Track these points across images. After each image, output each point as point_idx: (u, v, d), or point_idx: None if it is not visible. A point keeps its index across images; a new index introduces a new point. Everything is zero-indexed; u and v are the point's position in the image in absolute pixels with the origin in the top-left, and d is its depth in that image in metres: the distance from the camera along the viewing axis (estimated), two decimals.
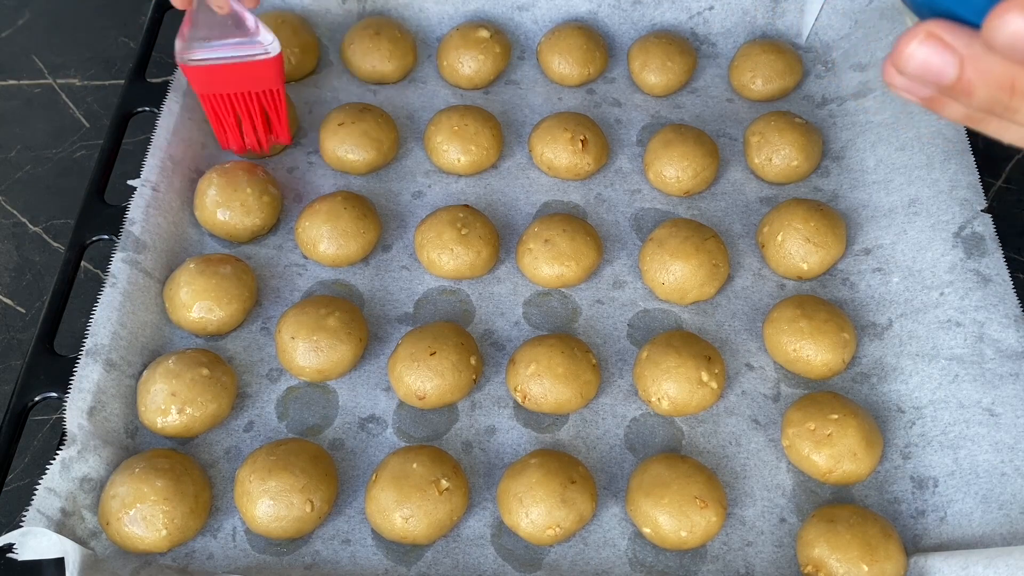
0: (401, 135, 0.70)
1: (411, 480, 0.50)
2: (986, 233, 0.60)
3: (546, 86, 0.75)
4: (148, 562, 0.50)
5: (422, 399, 0.56)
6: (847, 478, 0.53)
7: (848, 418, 0.53)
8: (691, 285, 0.61)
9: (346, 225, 0.61)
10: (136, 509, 0.49)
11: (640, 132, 0.72)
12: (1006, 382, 0.54)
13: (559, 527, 0.50)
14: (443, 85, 0.74)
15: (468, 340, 0.57)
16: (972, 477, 0.52)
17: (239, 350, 0.59)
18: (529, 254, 0.62)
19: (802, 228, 0.62)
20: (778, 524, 0.53)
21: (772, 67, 0.72)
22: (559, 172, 0.68)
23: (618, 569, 0.52)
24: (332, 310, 0.57)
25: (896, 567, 0.49)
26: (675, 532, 0.50)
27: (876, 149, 0.67)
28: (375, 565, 0.51)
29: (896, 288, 0.61)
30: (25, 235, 0.72)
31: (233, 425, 0.56)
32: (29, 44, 0.83)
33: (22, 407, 0.54)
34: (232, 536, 0.52)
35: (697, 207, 0.68)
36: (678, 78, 0.73)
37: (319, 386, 0.58)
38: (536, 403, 0.56)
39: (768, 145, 0.67)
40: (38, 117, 0.78)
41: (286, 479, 0.50)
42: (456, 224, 0.62)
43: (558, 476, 0.51)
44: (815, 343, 0.57)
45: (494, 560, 0.52)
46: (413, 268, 0.64)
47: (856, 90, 0.71)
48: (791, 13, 0.76)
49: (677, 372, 0.55)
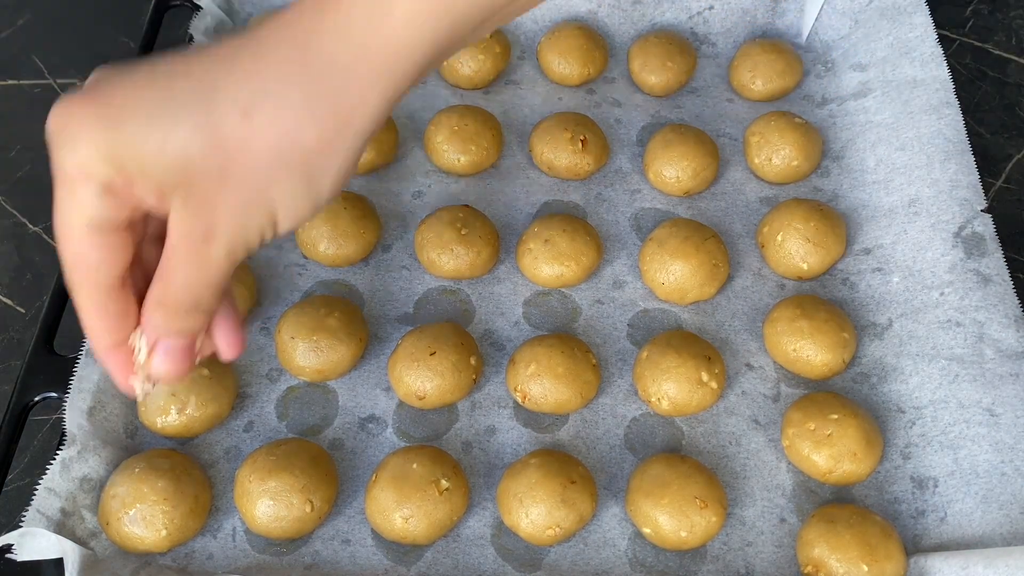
0: (401, 135, 0.70)
1: (411, 480, 0.50)
2: (986, 233, 0.60)
3: (546, 86, 0.75)
4: (148, 562, 0.50)
5: (422, 399, 0.55)
6: (847, 478, 0.53)
7: (848, 418, 0.53)
8: (691, 285, 0.61)
9: (346, 225, 0.61)
10: (136, 509, 0.49)
11: (640, 132, 0.72)
12: (1006, 382, 0.54)
13: (559, 527, 0.50)
14: (443, 85, 0.74)
15: (468, 340, 0.57)
16: (972, 477, 0.52)
17: None
18: (529, 254, 0.62)
19: (802, 228, 0.62)
20: (778, 524, 0.53)
21: (772, 67, 0.72)
22: (559, 172, 0.68)
23: (618, 569, 0.52)
24: (332, 310, 0.57)
25: (896, 567, 0.49)
26: (675, 532, 0.50)
27: (876, 149, 0.67)
28: (375, 565, 0.51)
29: (896, 288, 0.61)
30: (25, 235, 0.72)
31: (233, 425, 0.56)
32: (29, 44, 0.83)
33: (22, 407, 0.54)
34: (232, 536, 0.52)
35: (697, 207, 0.68)
36: (678, 78, 0.73)
37: (319, 386, 0.58)
38: (536, 403, 0.56)
39: (768, 145, 0.67)
40: (38, 117, 0.78)
41: (286, 479, 0.50)
42: (456, 224, 0.62)
43: (558, 476, 0.51)
44: (815, 343, 0.57)
45: (494, 560, 0.52)
46: (413, 268, 0.64)
47: (856, 90, 0.71)
48: (791, 13, 0.76)
49: (677, 372, 0.55)
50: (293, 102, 0.32)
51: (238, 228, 0.33)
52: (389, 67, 0.33)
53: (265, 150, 0.32)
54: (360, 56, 0.33)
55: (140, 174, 0.32)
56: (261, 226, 0.34)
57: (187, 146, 0.31)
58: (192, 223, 0.33)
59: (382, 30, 0.33)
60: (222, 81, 0.32)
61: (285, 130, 0.32)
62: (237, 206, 0.33)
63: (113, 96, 0.32)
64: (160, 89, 0.32)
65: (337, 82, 0.32)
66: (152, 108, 0.31)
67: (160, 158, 0.31)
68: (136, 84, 0.32)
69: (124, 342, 0.37)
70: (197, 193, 0.32)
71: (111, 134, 0.31)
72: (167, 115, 0.31)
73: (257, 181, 0.32)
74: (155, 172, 0.32)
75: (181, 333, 0.37)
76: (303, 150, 0.33)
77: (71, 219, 0.33)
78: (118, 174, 0.32)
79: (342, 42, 0.32)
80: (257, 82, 0.32)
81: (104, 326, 0.36)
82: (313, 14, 0.33)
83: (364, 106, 0.33)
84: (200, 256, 0.34)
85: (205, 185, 0.32)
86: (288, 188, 0.33)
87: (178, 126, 0.31)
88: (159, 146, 0.31)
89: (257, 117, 0.32)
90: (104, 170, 0.32)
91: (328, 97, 0.32)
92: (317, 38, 0.32)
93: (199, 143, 0.31)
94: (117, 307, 0.35)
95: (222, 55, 0.32)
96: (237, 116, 0.31)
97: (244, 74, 0.32)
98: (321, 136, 0.33)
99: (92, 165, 0.32)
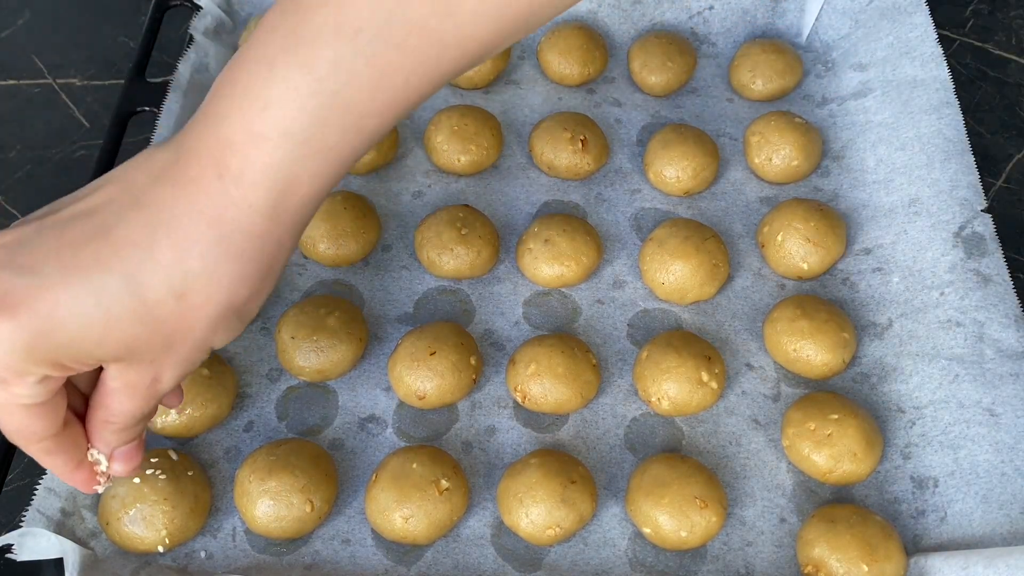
0: (401, 135, 0.70)
1: (411, 480, 0.50)
2: (986, 233, 0.60)
3: (546, 86, 0.75)
4: (148, 562, 0.50)
5: (422, 399, 0.55)
6: (847, 478, 0.53)
7: (848, 418, 0.53)
8: (691, 285, 0.61)
9: (346, 225, 0.61)
10: (136, 509, 0.49)
11: (640, 132, 0.72)
12: (1006, 382, 0.54)
13: (559, 527, 0.50)
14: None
15: (468, 340, 0.57)
16: (972, 477, 0.52)
17: (239, 350, 0.59)
18: (529, 254, 0.62)
19: (802, 228, 0.62)
20: (778, 524, 0.53)
21: (772, 67, 0.72)
22: (559, 172, 0.68)
23: (618, 569, 0.52)
24: (332, 310, 0.57)
25: (896, 567, 0.49)
26: (675, 532, 0.50)
27: (876, 149, 0.67)
28: (375, 565, 0.51)
29: (896, 288, 0.61)
30: None
31: (233, 425, 0.56)
32: (29, 44, 0.83)
33: None
34: (232, 536, 0.52)
35: (697, 207, 0.68)
36: (678, 78, 0.73)
37: (319, 386, 0.58)
38: (536, 403, 0.56)
39: (768, 145, 0.67)
40: (38, 117, 0.78)
41: (286, 479, 0.50)
42: (456, 224, 0.62)
43: (558, 476, 0.51)
44: (815, 343, 0.57)
45: (494, 560, 0.52)
46: (413, 268, 0.64)
47: (856, 90, 0.71)
48: (791, 13, 0.76)
49: (677, 372, 0.55)
50: (223, 275, 0.34)
51: (181, 370, 0.37)
52: (302, 216, 0.36)
53: (204, 318, 0.35)
54: (273, 220, 0.35)
55: (78, 362, 0.34)
56: (199, 359, 0.37)
57: (128, 334, 0.34)
58: (137, 377, 0.36)
59: (289, 197, 0.35)
60: (146, 272, 0.33)
61: (219, 300, 0.35)
62: (180, 358, 0.36)
63: (34, 302, 0.32)
64: (82, 286, 0.33)
65: (257, 243, 0.35)
66: (81, 310, 0.33)
67: (100, 347, 0.34)
68: (52, 288, 0.32)
69: (81, 463, 0.40)
70: (142, 359, 0.35)
71: (43, 338, 0.33)
72: (98, 310, 0.33)
73: (198, 338, 0.36)
74: (94, 357, 0.34)
75: (131, 439, 0.40)
76: (236, 306, 0.36)
77: (7, 405, 0.35)
78: (53, 369, 0.34)
79: (256, 214, 0.34)
80: (183, 267, 0.34)
81: (60, 461, 0.39)
82: (217, 184, 0.34)
83: (283, 250, 0.36)
84: (144, 395, 0.37)
85: (149, 353, 0.35)
86: (224, 331, 0.36)
87: (115, 320, 0.33)
88: (98, 339, 0.33)
89: (192, 298, 0.34)
90: (39, 369, 0.34)
91: (253, 259, 0.35)
92: (231, 212, 0.34)
93: (140, 328, 0.34)
94: (65, 445, 0.38)
95: (134, 239, 0.33)
96: (172, 301, 0.34)
97: (169, 260, 0.33)
98: (251, 290, 0.36)
99: (26, 367, 0.33)
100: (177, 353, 0.36)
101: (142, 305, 0.33)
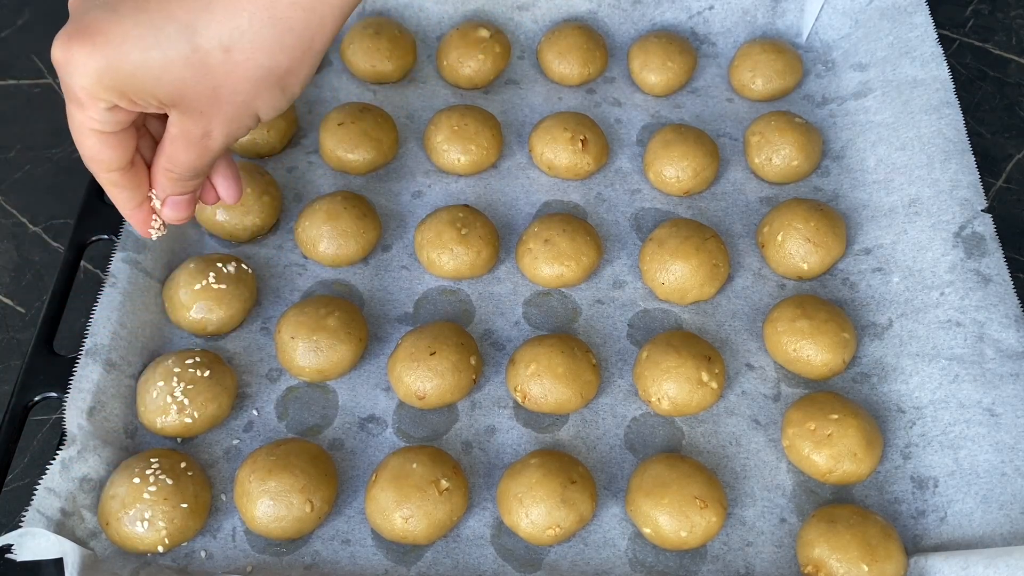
0: (401, 135, 0.70)
1: (411, 480, 0.50)
2: (986, 233, 0.60)
3: (546, 86, 0.75)
4: (148, 562, 0.50)
5: (422, 399, 0.55)
6: (847, 478, 0.53)
7: (848, 418, 0.53)
8: (691, 285, 0.61)
9: (346, 225, 0.61)
10: (136, 509, 0.49)
11: (640, 132, 0.72)
12: (1006, 382, 0.54)
13: (559, 527, 0.50)
14: (443, 85, 0.74)
15: (468, 340, 0.57)
16: (972, 477, 0.52)
17: (239, 350, 0.59)
18: (529, 254, 0.62)
19: (802, 228, 0.62)
20: (778, 524, 0.53)
21: (772, 67, 0.72)
22: (559, 172, 0.68)
23: (618, 569, 0.52)
24: (332, 310, 0.57)
25: (896, 567, 0.49)
26: (675, 532, 0.50)
27: (876, 149, 0.67)
28: (375, 565, 0.51)
29: (896, 288, 0.61)
30: (25, 235, 0.72)
31: (233, 425, 0.56)
32: (29, 44, 0.83)
33: (22, 407, 0.54)
34: (232, 536, 0.52)
35: (697, 207, 0.68)
36: (678, 78, 0.73)
37: (319, 386, 0.58)
38: (536, 403, 0.56)
39: (768, 145, 0.67)
40: (38, 117, 0.78)
41: (286, 479, 0.50)
42: (456, 224, 0.62)
43: (558, 476, 0.51)
44: (815, 343, 0.57)
45: (494, 560, 0.52)
46: (413, 268, 0.64)
47: (856, 90, 0.71)
48: (791, 13, 0.76)
49: (677, 372, 0.55)
50: (266, 39, 0.38)
51: (230, 129, 0.41)
52: None
53: (246, 78, 0.39)
54: None
55: (140, 97, 0.38)
56: (247, 124, 0.42)
57: (180, 77, 0.38)
58: (191, 127, 0.41)
59: None
60: (202, 23, 0.37)
61: (261, 62, 0.39)
62: (228, 115, 0.41)
63: (109, 34, 0.37)
64: (148, 27, 0.37)
65: (301, 14, 0.38)
66: (145, 46, 0.37)
67: (158, 86, 0.38)
68: (124, 23, 0.37)
69: (141, 203, 0.45)
70: (193, 107, 0.40)
71: (112, 68, 0.37)
72: (158, 51, 0.37)
73: (242, 98, 0.40)
74: (154, 96, 0.38)
75: (184, 191, 0.46)
76: (277, 74, 0.40)
77: (83, 127, 0.40)
78: (120, 99, 0.38)
79: None
80: (233, 24, 0.38)
81: (124, 196, 0.45)
82: None
83: (324, 30, 0.40)
84: (198, 147, 0.42)
85: (199, 102, 0.39)
86: (267, 99, 0.41)
87: (170, 62, 0.37)
88: (156, 77, 0.38)
89: (236, 54, 0.38)
90: (108, 96, 0.38)
91: (295, 29, 0.39)
92: None
93: (190, 74, 0.38)
94: (130, 182, 0.44)
95: None
96: (220, 53, 0.38)
97: (223, 15, 0.37)
98: (291, 60, 0.40)
99: (97, 92, 0.38)
100: (224, 110, 0.40)
101: (194, 52, 0.37)
